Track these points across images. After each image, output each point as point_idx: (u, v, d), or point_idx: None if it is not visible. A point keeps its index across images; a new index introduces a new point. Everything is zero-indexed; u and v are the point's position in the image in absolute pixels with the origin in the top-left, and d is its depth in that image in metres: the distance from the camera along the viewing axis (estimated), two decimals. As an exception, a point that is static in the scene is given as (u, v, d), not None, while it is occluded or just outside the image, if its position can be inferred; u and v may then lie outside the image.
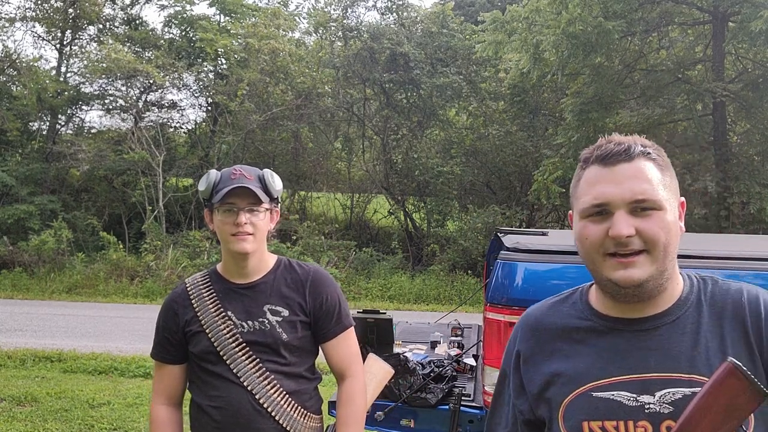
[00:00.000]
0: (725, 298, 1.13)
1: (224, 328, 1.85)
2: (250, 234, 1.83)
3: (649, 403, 1.07)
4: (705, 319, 1.11)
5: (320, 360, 1.99)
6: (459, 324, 4.51)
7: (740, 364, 0.97)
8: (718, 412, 0.97)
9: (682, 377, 1.06)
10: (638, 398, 1.07)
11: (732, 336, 1.08)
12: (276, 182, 1.90)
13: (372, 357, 2.35)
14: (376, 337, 3.40)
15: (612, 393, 1.09)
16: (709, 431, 0.97)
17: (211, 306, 1.88)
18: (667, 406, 1.06)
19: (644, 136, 1.16)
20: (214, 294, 1.90)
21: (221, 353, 1.84)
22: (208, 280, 1.94)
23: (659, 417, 1.06)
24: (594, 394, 1.10)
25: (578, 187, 1.14)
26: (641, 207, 1.07)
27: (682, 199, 1.16)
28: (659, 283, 1.09)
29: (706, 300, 1.13)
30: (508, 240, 2.99)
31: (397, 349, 3.58)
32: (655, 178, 1.09)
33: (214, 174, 1.88)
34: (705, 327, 1.10)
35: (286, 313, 1.88)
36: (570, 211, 1.20)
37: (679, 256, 1.13)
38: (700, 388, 1.00)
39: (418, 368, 3.17)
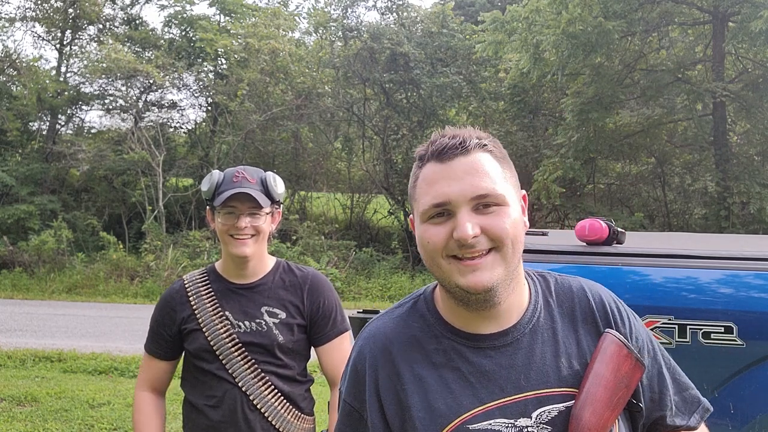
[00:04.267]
0: (571, 297, 1.10)
1: (221, 327, 1.85)
2: (251, 237, 1.84)
3: (526, 426, 1.00)
4: (558, 323, 1.07)
5: (312, 363, 1.99)
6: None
7: (616, 333, 1.04)
8: (610, 379, 1.00)
9: (554, 392, 1.01)
10: (516, 423, 1.00)
11: (587, 339, 1.06)
12: (278, 185, 1.90)
13: None
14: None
15: (489, 422, 0.99)
16: (607, 399, 0.99)
17: (209, 305, 1.89)
18: (545, 426, 1.00)
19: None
20: (213, 293, 1.90)
21: (217, 352, 1.84)
22: (206, 278, 1.94)
23: None
24: (470, 426, 1.00)
25: (416, 187, 1.05)
26: (484, 203, 0.99)
27: (524, 192, 1.11)
28: (509, 286, 1.02)
29: (553, 300, 1.09)
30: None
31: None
32: (495, 171, 1.02)
33: (217, 175, 1.88)
34: (560, 331, 1.06)
35: (283, 315, 1.88)
36: (410, 216, 1.10)
37: (680, 256, 1.12)
38: (573, 402, 1.00)
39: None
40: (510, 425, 0.99)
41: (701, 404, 1.16)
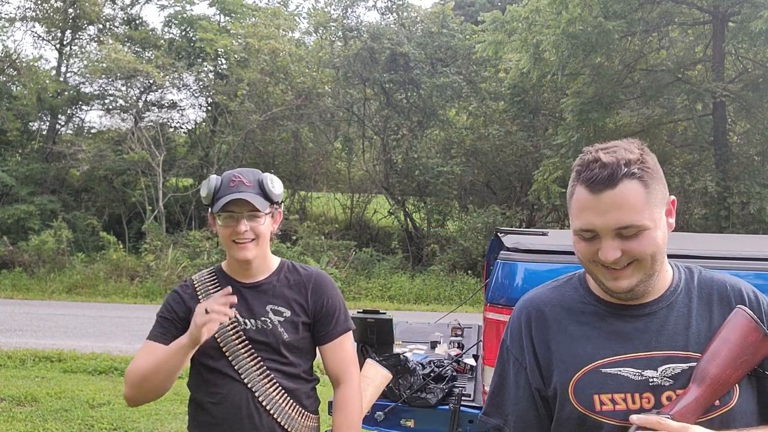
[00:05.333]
0: (711, 285, 1.27)
1: (228, 324, 1.86)
2: (251, 241, 1.85)
3: (652, 377, 1.18)
4: (695, 304, 1.24)
5: (316, 363, 2.00)
6: (459, 324, 4.51)
7: (746, 308, 1.20)
8: (735, 343, 1.16)
9: (679, 354, 1.19)
10: (642, 373, 1.19)
11: (719, 318, 1.22)
12: (276, 187, 1.90)
13: (369, 362, 2.35)
14: (376, 337, 3.40)
15: (619, 369, 1.20)
16: (730, 359, 1.14)
17: None
18: (668, 379, 1.18)
19: (641, 137, 1.17)
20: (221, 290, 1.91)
21: (224, 349, 1.85)
22: (215, 276, 1.96)
23: (661, 389, 1.18)
24: (603, 370, 1.21)
25: (570, 202, 1.22)
26: (625, 232, 1.15)
27: (672, 197, 1.25)
28: (649, 284, 1.20)
29: (694, 287, 1.26)
30: (508, 240, 2.99)
31: (397, 349, 3.58)
32: (639, 200, 1.15)
33: (214, 180, 1.87)
34: (695, 311, 1.23)
35: (288, 313, 1.89)
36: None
37: (680, 257, 1.15)
38: (694, 363, 1.17)
39: (418, 368, 3.17)
40: (637, 374, 1.19)
41: None
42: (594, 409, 1.20)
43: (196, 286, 1.94)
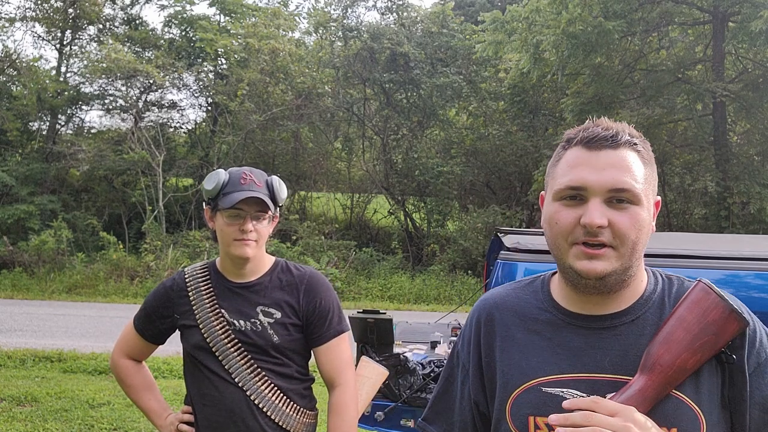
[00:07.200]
0: None
1: (217, 325, 1.86)
2: (254, 240, 1.84)
3: None
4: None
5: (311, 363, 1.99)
6: (459, 324, 4.51)
7: (708, 281, 1.02)
8: (692, 323, 0.99)
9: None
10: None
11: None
12: (282, 190, 1.91)
13: (365, 360, 2.34)
14: (376, 337, 3.40)
15: (562, 390, 1.05)
16: (686, 341, 0.98)
17: (207, 301, 1.89)
18: None
19: (640, 130, 1.13)
20: (212, 289, 1.91)
21: (213, 349, 1.85)
22: (207, 273, 1.95)
23: None
24: (544, 389, 1.07)
25: (557, 166, 1.08)
26: (618, 198, 1.01)
27: (658, 198, 1.11)
28: (622, 279, 1.05)
29: (669, 301, 1.08)
30: (508, 240, 2.99)
31: (397, 349, 3.58)
32: (638, 170, 1.03)
33: (223, 174, 1.86)
34: None
35: (278, 315, 1.88)
36: (542, 192, 1.14)
37: (680, 257, 1.12)
38: None
39: (418, 368, 3.17)
40: (581, 398, 1.02)
41: None
42: None
43: (187, 280, 1.93)
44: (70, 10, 15.99)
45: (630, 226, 1.01)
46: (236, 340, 1.85)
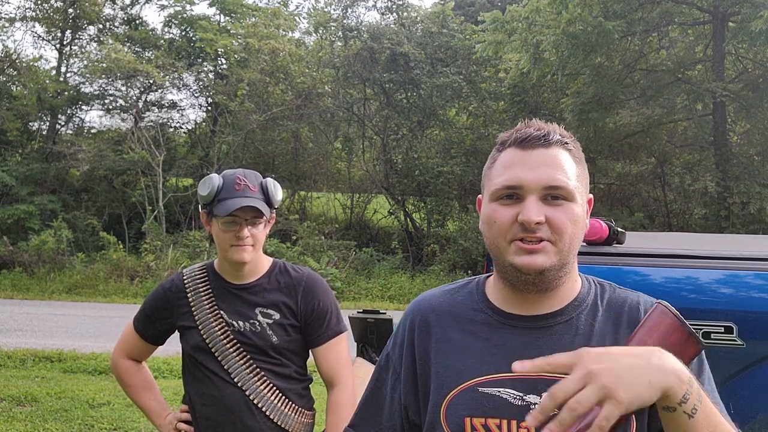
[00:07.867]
0: (621, 306, 1.10)
1: (216, 326, 1.86)
2: (251, 245, 1.85)
3: (534, 403, 1.02)
4: (599, 324, 1.08)
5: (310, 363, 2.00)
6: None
7: (668, 304, 0.99)
8: (653, 345, 0.95)
9: None
10: (525, 397, 1.04)
11: (624, 340, 1.03)
12: (278, 193, 1.91)
13: (359, 361, 2.34)
14: (376, 337, 3.39)
15: (498, 389, 1.05)
16: None
17: (206, 302, 1.90)
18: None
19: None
20: (211, 291, 1.91)
21: (212, 349, 1.85)
22: (205, 275, 1.95)
23: None
24: (480, 389, 1.06)
25: (492, 168, 1.11)
26: (553, 195, 1.04)
27: (590, 196, 1.14)
28: (559, 276, 1.06)
29: (602, 304, 1.10)
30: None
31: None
32: (570, 168, 1.06)
33: (217, 179, 1.85)
34: (598, 332, 1.07)
35: (277, 316, 1.89)
36: (479, 196, 1.17)
37: (680, 256, 1.12)
38: None
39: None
40: (518, 397, 1.04)
41: None
42: None
43: (185, 281, 1.94)
44: (70, 10, 15.99)
45: (566, 221, 1.04)
46: (235, 341, 1.85)
